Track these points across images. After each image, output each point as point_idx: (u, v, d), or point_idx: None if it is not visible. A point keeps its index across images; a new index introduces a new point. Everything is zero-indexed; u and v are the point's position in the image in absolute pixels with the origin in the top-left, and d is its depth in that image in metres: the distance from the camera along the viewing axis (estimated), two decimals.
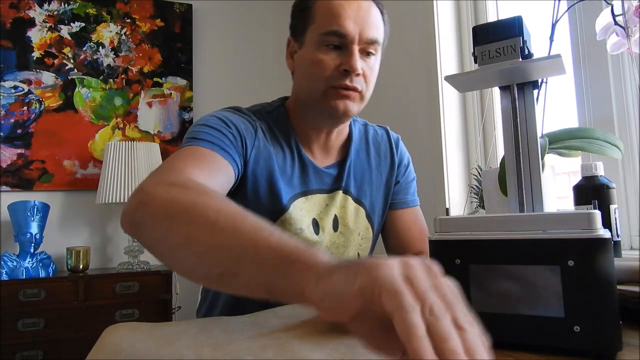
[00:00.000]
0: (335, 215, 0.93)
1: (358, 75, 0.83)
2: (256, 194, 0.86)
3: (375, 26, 0.85)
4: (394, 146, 1.04)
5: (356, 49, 0.82)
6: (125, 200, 2.00)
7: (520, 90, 0.58)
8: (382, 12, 0.88)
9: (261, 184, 0.86)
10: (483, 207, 1.03)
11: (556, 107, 1.21)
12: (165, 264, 0.57)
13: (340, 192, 0.94)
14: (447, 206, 1.70)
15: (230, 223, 0.48)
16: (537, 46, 0.70)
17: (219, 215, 0.49)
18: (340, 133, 0.96)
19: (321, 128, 0.92)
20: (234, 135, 0.82)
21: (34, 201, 2.03)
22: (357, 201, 0.96)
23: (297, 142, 0.92)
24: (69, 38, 2.32)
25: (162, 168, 0.70)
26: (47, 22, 2.29)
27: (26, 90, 2.22)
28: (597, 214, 0.46)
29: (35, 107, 2.23)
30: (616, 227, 0.79)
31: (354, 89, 0.84)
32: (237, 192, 0.85)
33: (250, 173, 0.85)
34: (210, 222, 0.49)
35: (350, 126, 0.99)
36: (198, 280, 0.51)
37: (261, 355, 0.48)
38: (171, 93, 2.47)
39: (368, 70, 0.85)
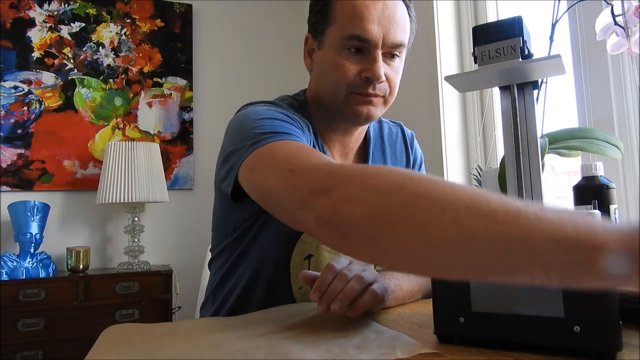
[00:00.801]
0: None
1: (381, 82, 0.79)
2: None
3: (402, 27, 0.79)
4: (409, 144, 1.01)
5: (379, 54, 0.78)
6: (125, 200, 2.01)
7: (520, 90, 0.58)
8: (408, 8, 0.82)
9: None
10: None
11: (556, 107, 1.21)
12: (404, 266, 0.47)
13: None
14: None
15: (501, 209, 0.39)
16: (537, 46, 0.70)
17: (470, 200, 0.40)
18: (360, 135, 0.92)
19: (338, 129, 0.89)
20: (303, 131, 0.77)
21: (34, 201, 2.03)
22: None
23: (322, 145, 0.87)
24: (69, 38, 2.32)
25: (295, 163, 0.57)
26: (47, 22, 2.28)
27: (26, 90, 2.22)
28: (597, 214, 0.46)
29: (35, 107, 2.23)
30: None
31: (377, 95, 0.81)
32: None
33: None
34: (471, 209, 0.39)
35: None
36: (466, 276, 0.42)
37: (254, 356, 0.48)
38: (171, 93, 2.47)
39: (392, 73, 0.81)
